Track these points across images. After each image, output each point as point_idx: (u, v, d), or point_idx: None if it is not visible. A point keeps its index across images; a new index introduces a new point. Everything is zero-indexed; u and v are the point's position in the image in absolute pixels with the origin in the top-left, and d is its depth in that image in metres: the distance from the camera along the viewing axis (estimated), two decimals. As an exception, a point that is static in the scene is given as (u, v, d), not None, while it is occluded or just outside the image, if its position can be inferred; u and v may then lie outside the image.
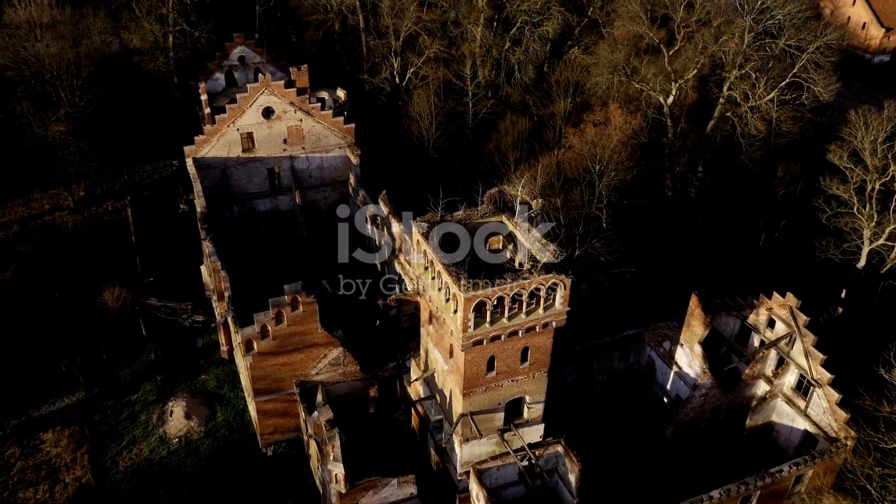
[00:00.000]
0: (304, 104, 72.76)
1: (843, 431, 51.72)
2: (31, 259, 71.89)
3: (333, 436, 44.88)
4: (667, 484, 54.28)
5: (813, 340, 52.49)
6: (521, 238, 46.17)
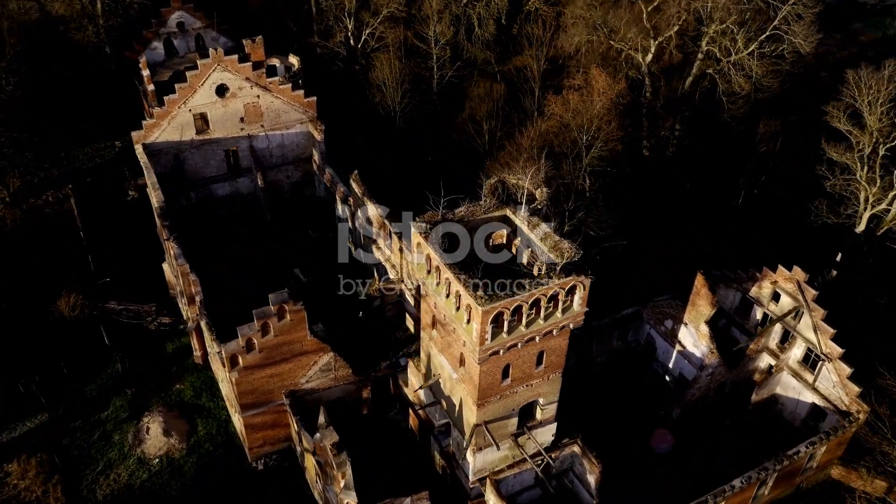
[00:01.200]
0: (261, 79, 66.86)
1: (856, 405, 50.88)
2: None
3: (343, 462, 41.51)
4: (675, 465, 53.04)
5: (822, 315, 51.07)
6: (530, 234, 42.72)
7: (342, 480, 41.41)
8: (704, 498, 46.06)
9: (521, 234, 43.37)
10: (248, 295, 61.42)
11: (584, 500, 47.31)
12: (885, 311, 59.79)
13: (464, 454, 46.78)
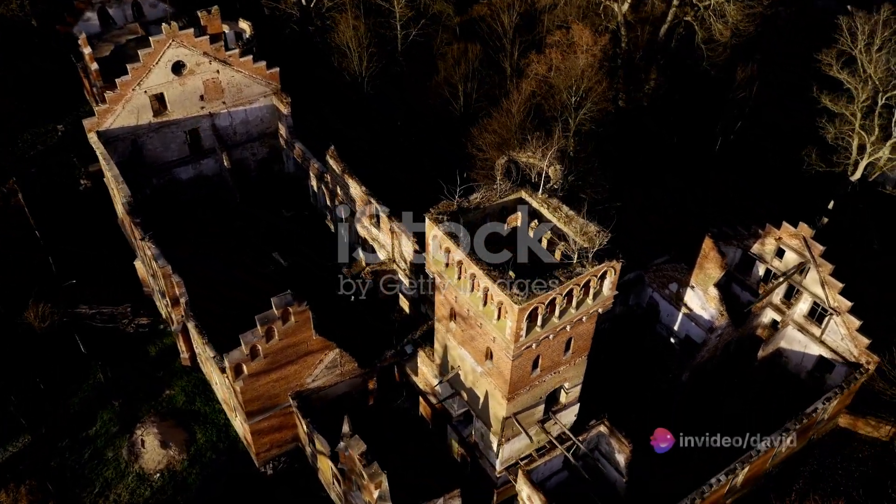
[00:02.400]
0: (220, 53, 61.96)
1: (865, 356, 51.24)
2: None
3: (376, 473, 39.47)
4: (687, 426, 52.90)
5: (829, 269, 50.83)
6: (551, 217, 40.60)
7: (376, 491, 39.46)
8: (732, 466, 45.91)
9: (543, 216, 41.20)
10: (229, 284, 58.47)
11: (612, 479, 46.65)
12: (877, 257, 60.21)
13: (490, 445, 45.35)
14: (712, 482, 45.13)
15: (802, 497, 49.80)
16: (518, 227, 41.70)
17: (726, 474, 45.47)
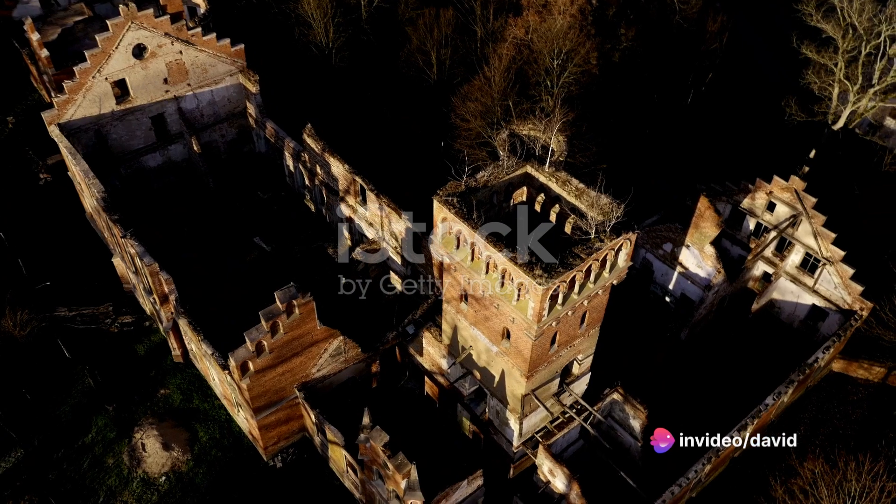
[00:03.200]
0: (182, 32, 58.86)
1: (859, 303, 52.29)
2: None
3: (403, 463, 38.82)
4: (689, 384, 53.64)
5: (822, 220, 51.43)
6: (560, 191, 39.83)
7: (403, 481, 38.88)
8: (744, 422, 46.64)
9: (551, 191, 40.40)
10: (213, 274, 56.62)
11: (627, 444, 46.99)
12: (858, 202, 61.21)
13: (506, 421, 45.12)
14: (724, 441, 45.81)
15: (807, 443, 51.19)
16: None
17: (738, 430, 46.19)
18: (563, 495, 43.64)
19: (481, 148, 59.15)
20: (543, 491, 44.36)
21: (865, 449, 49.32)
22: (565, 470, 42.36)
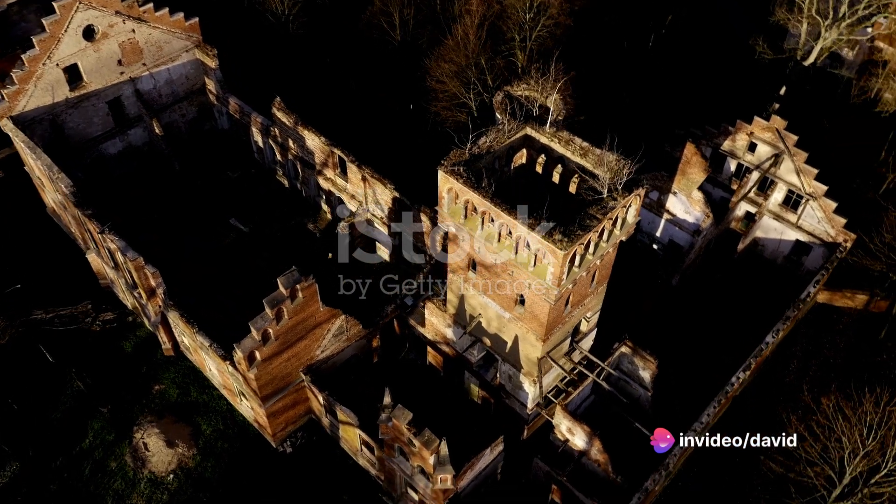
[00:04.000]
0: (134, 9, 55.63)
1: (843, 235, 53.54)
2: None
3: (432, 439, 38.44)
4: (685, 328, 54.51)
5: (804, 157, 52.20)
6: (564, 151, 39.24)
7: (432, 457, 38.59)
8: (748, 362, 47.67)
9: (553, 151, 39.76)
10: (194, 260, 54.77)
11: (637, 395, 47.57)
12: (826, 134, 62.26)
13: (520, 385, 45.13)
14: (733, 381, 46.84)
15: (801, 375, 52.82)
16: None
17: (744, 371, 47.21)
18: (582, 452, 44.09)
19: (459, 110, 57.97)
20: (563, 450, 44.70)
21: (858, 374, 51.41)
22: (585, 427, 42.71)
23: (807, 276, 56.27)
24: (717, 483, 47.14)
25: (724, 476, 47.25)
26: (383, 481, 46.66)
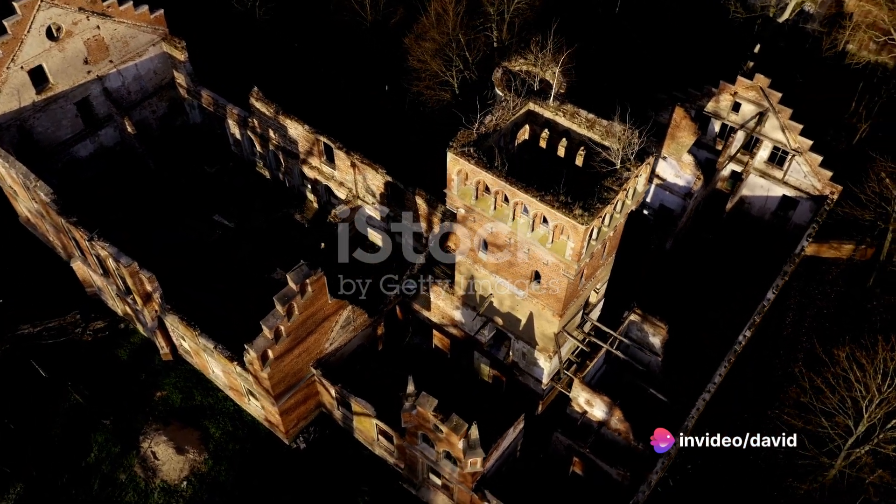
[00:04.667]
0: (98, 4, 53.39)
1: (829, 188, 54.52)
2: None
3: (459, 425, 38.17)
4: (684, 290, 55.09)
5: (788, 114, 52.87)
6: (569, 124, 38.92)
7: (461, 442, 38.35)
8: (752, 320, 48.41)
9: (555, 126, 39.42)
10: (183, 259, 53.45)
11: (646, 361, 47.95)
12: (800, 89, 63.08)
13: (534, 361, 45.10)
14: (740, 339, 47.54)
15: (798, 328, 53.95)
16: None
17: (749, 328, 47.96)
18: (602, 422, 44.37)
19: (441, 88, 57.13)
20: (581, 422, 44.92)
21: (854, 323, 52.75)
22: (605, 398, 42.93)
23: (795, 231, 57.31)
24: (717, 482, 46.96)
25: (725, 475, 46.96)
26: (403, 469, 46.35)
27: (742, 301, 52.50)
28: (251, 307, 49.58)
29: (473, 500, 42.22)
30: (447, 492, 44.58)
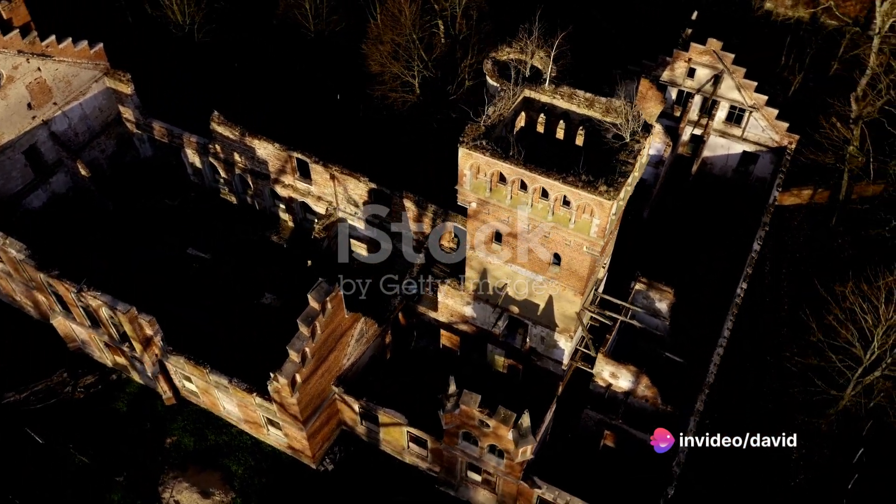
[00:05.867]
0: (37, 45, 50.90)
1: (787, 138, 57.20)
2: None
3: (508, 416, 38.20)
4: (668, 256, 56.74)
5: (742, 73, 55.16)
6: (569, 106, 39.52)
7: (510, 433, 38.40)
8: (745, 271, 50.32)
9: (552, 110, 39.96)
10: (167, 273, 51.94)
11: (653, 325, 49.07)
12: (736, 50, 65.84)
13: (554, 343, 45.60)
14: (738, 291, 49.38)
15: (777, 274, 56.52)
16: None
17: (744, 280, 49.90)
18: (628, 392, 45.29)
19: (404, 89, 56.84)
20: (607, 395, 45.72)
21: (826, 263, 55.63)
22: (631, 367, 43.86)
23: (757, 183, 59.89)
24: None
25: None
26: (438, 472, 46.02)
27: (726, 257, 54.47)
28: (240, 329, 48.85)
29: (521, 489, 42.40)
30: (488, 486, 44.56)
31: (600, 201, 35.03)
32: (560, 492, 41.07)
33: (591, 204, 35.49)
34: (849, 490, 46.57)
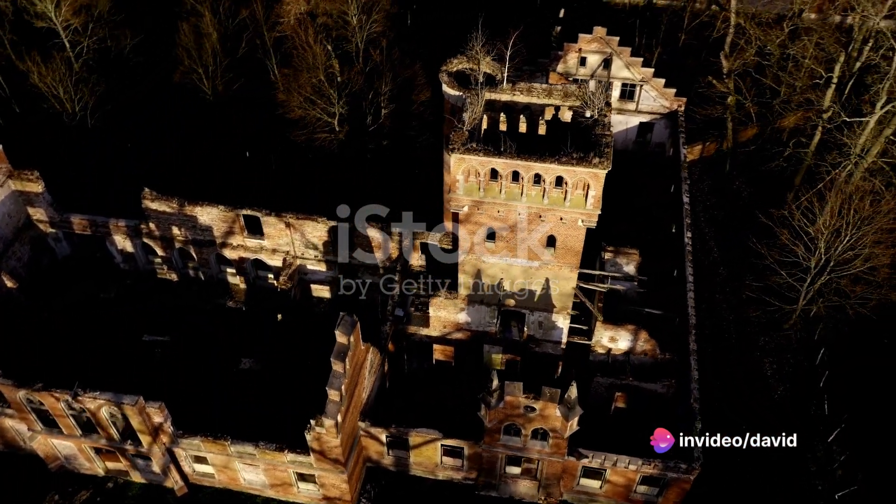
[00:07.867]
0: (-59, 158, 46.80)
1: (676, 102, 63.38)
2: None
3: (553, 393, 39.86)
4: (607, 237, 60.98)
5: (629, 52, 60.81)
6: (528, 99, 42.46)
7: (558, 409, 40.11)
8: (685, 221, 55.25)
9: (514, 106, 42.72)
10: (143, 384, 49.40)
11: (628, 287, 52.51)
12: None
13: (553, 325, 47.91)
14: (686, 241, 54.08)
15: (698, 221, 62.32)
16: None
17: (688, 230, 54.77)
18: (627, 352, 48.44)
19: (326, 130, 57.66)
20: (610, 360, 48.65)
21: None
22: (629, 326, 47.04)
23: (656, 148, 65.74)
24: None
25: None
26: (476, 478, 46.81)
27: (658, 216, 59.30)
28: (226, 399, 47.37)
29: (566, 465, 44.15)
30: (529, 475, 45.92)
31: (595, 173, 37.98)
32: (606, 455, 43.24)
33: (586, 178, 38.36)
34: (821, 388, 52.35)
